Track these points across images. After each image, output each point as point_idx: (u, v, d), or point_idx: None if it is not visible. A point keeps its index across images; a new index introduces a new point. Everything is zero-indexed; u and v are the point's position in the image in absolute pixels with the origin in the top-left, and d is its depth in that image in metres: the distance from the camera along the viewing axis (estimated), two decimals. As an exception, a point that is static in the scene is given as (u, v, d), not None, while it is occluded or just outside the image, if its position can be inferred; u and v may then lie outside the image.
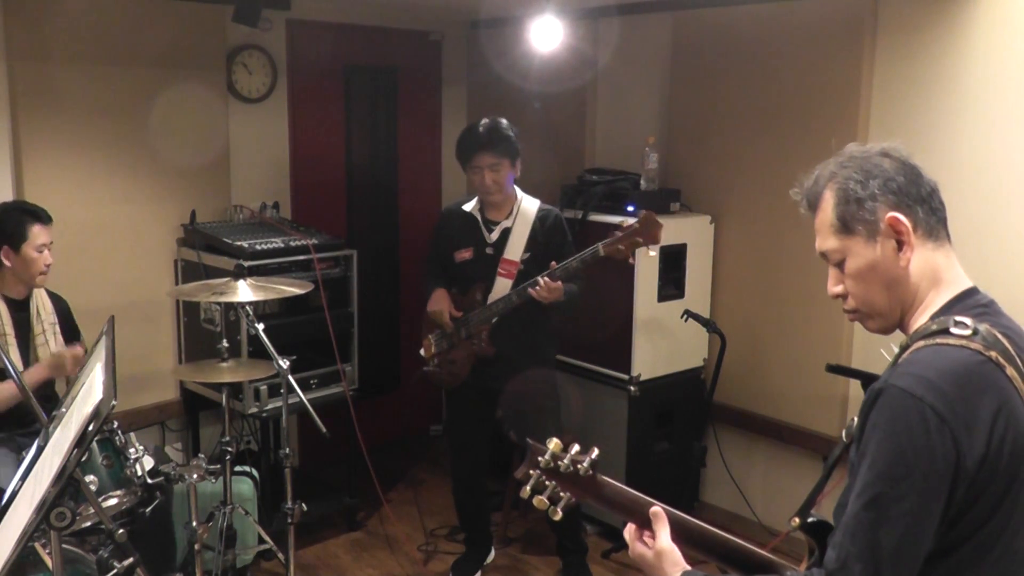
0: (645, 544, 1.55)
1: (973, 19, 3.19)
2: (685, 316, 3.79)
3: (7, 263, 3.15)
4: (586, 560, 3.75)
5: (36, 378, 3.14)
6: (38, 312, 3.27)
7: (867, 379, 3.11)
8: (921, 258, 1.43)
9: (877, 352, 3.20)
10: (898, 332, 1.51)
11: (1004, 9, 3.11)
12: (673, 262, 3.95)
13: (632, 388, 3.91)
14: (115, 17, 3.81)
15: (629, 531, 1.58)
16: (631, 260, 3.30)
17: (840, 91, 3.58)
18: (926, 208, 1.43)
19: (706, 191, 4.12)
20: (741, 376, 4.04)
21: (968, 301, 1.42)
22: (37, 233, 3.17)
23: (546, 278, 3.24)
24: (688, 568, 1.49)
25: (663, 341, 3.99)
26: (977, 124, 3.21)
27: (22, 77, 3.59)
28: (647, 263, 3.80)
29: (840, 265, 1.48)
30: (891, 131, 3.41)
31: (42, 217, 3.21)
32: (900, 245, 1.42)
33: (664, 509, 1.56)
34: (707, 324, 3.79)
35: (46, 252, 3.20)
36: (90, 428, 1.77)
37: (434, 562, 3.95)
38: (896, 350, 1.44)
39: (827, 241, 1.49)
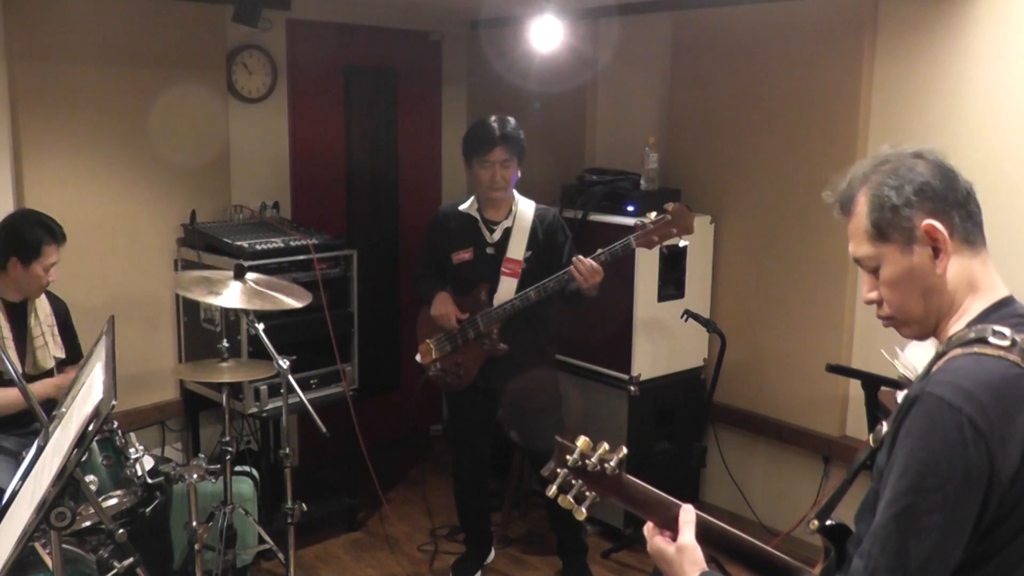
0: (665, 540, 1.53)
1: (973, 19, 3.19)
2: (685, 316, 3.79)
3: (12, 272, 3.13)
4: (586, 560, 3.75)
5: (41, 394, 3.12)
6: (35, 315, 3.26)
7: (867, 379, 3.11)
8: (958, 265, 1.39)
9: (877, 352, 3.21)
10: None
11: (1004, 9, 3.11)
12: (673, 262, 3.95)
13: (632, 388, 3.91)
14: (115, 17, 3.81)
15: (648, 527, 1.56)
16: (664, 251, 3.34)
17: (840, 91, 3.58)
18: (962, 213, 1.39)
19: (706, 191, 4.12)
20: (741, 376, 4.04)
21: (1005, 310, 1.39)
22: (50, 252, 3.16)
23: (583, 258, 3.21)
24: (707, 569, 1.48)
25: (663, 341, 3.99)
26: (977, 124, 3.21)
27: (22, 77, 3.59)
28: (647, 263, 3.81)
29: (875, 271, 1.44)
30: (891, 131, 3.42)
31: (57, 237, 3.19)
32: (936, 252, 1.38)
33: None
34: (707, 324, 3.79)
35: (52, 271, 3.19)
36: (90, 428, 1.77)
37: (434, 562, 3.95)
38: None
39: (861, 247, 1.44)
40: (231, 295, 3.04)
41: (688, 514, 1.53)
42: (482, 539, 3.87)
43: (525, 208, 3.52)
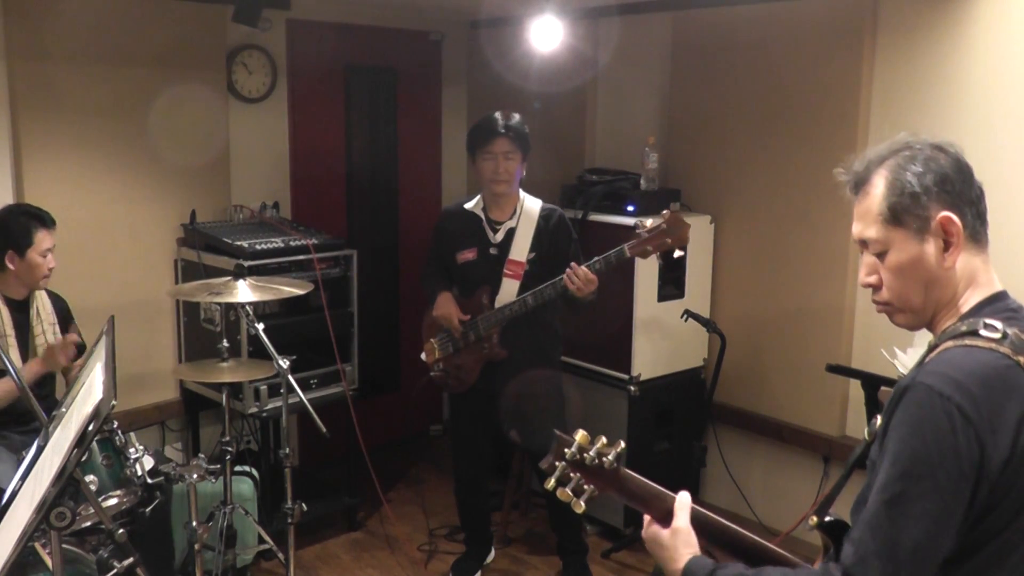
0: (659, 526, 1.54)
1: (973, 19, 3.19)
2: (685, 316, 3.79)
3: (11, 267, 3.15)
4: (586, 560, 3.74)
5: (32, 373, 3.15)
6: (38, 312, 3.27)
7: (867, 379, 3.11)
8: (963, 261, 1.41)
9: (877, 352, 3.21)
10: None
11: (1004, 9, 3.11)
12: (673, 262, 3.94)
13: (632, 388, 3.91)
14: (115, 17, 3.81)
15: (646, 520, 1.57)
16: (658, 261, 3.24)
17: (840, 91, 3.58)
18: (974, 211, 1.41)
19: (706, 191, 4.12)
20: (741, 376, 4.04)
21: (998, 304, 1.41)
22: (42, 238, 3.17)
23: (578, 266, 3.18)
24: (699, 554, 1.49)
25: (663, 341, 3.99)
26: (977, 124, 3.21)
27: (22, 77, 3.59)
28: (647, 263, 3.79)
29: (880, 255, 1.44)
30: (891, 131, 3.38)
31: (47, 221, 3.21)
32: (947, 245, 1.39)
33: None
34: (707, 324, 3.79)
35: (50, 256, 3.21)
36: (90, 428, 1.77)
37: (434, 562, 3.95)
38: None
39: (870, 229, 1.44)
40: (231, 294, 3.05)
41: (684, 498, 1.54)
42: (482, 539, 3.87)
43: (530, 208, 3.50)
